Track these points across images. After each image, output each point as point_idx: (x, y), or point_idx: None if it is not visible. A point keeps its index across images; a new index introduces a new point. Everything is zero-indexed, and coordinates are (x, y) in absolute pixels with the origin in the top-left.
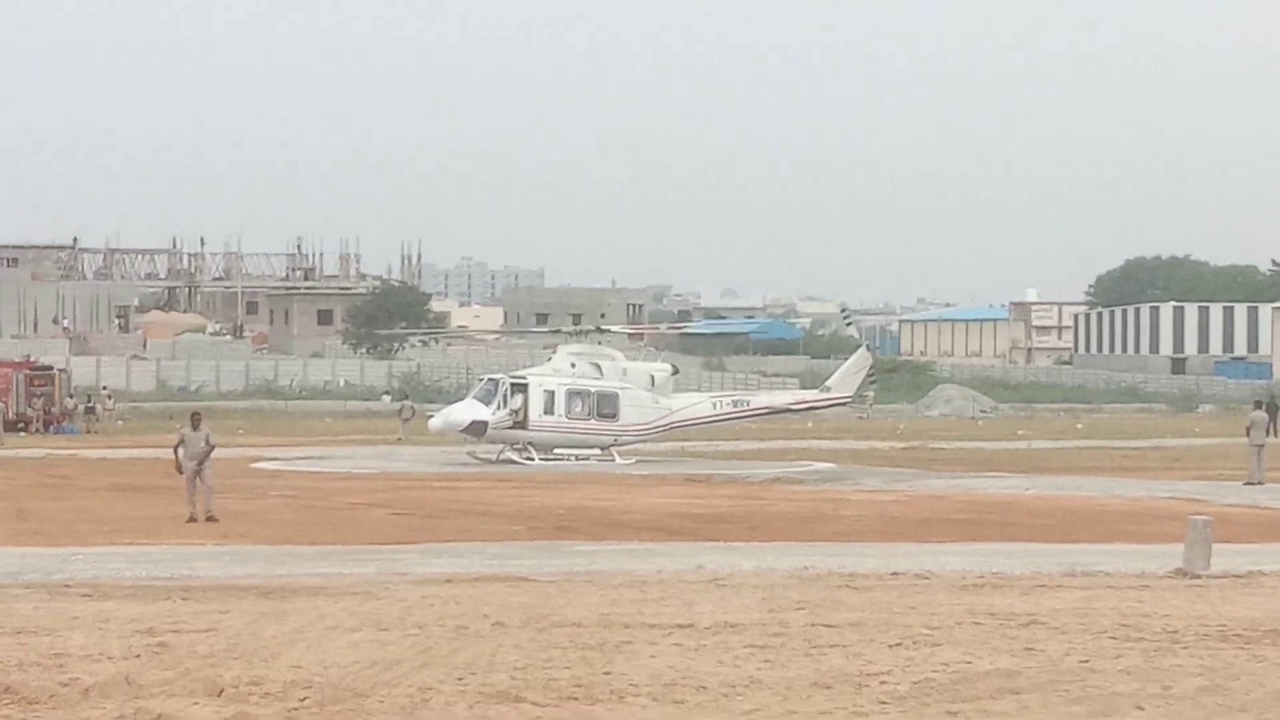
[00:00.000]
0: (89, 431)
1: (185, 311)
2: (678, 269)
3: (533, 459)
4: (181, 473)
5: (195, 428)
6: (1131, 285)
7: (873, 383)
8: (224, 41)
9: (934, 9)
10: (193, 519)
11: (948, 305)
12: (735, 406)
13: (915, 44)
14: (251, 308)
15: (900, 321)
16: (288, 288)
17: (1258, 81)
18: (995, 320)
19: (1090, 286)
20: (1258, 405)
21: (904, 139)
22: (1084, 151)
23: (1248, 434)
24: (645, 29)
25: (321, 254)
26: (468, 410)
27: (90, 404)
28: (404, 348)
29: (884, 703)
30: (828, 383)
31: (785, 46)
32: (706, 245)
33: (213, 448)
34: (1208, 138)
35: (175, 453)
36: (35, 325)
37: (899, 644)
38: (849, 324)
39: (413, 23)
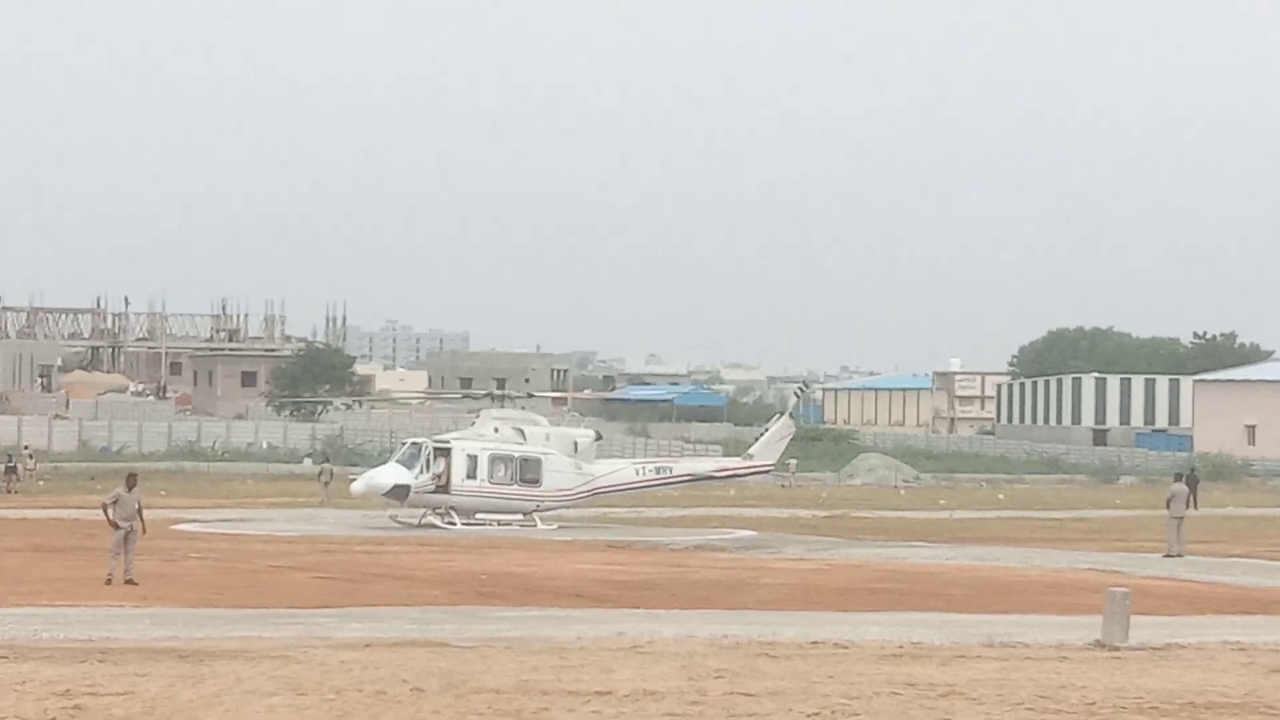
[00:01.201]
0: (10, 491)
1: (109, 372)
2: (602, 335)
3: (455, 523)
4: (117, 529)
5: (129, 489)
6: (1054, 356)
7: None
8: (147, 99)
9: (851, 78)
10: (110, 580)
11: (871, 374)
12: (658, 473)
13: (837, 112)
14: (175, 369)
15: (824, 389)
16: (212, 349)
17: (1183, 155)
18: (918, 389)
19: (1013, 357)
20: (1178, 478)
21: (830, 207)
22: (1008, 222)
23: (1168, 506)
24: (565, 96)
25: (246, 315)
26: (390, 474)
27: (11, 463)
28: (328, 410)
29: None
30: (750, 450)
31: (707, 115)
32: (631, 312)
33: (141, 510)
34: (1132, 210)
35: (106, 511)
36: None
37: (817, 713)
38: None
39: (337, 83)
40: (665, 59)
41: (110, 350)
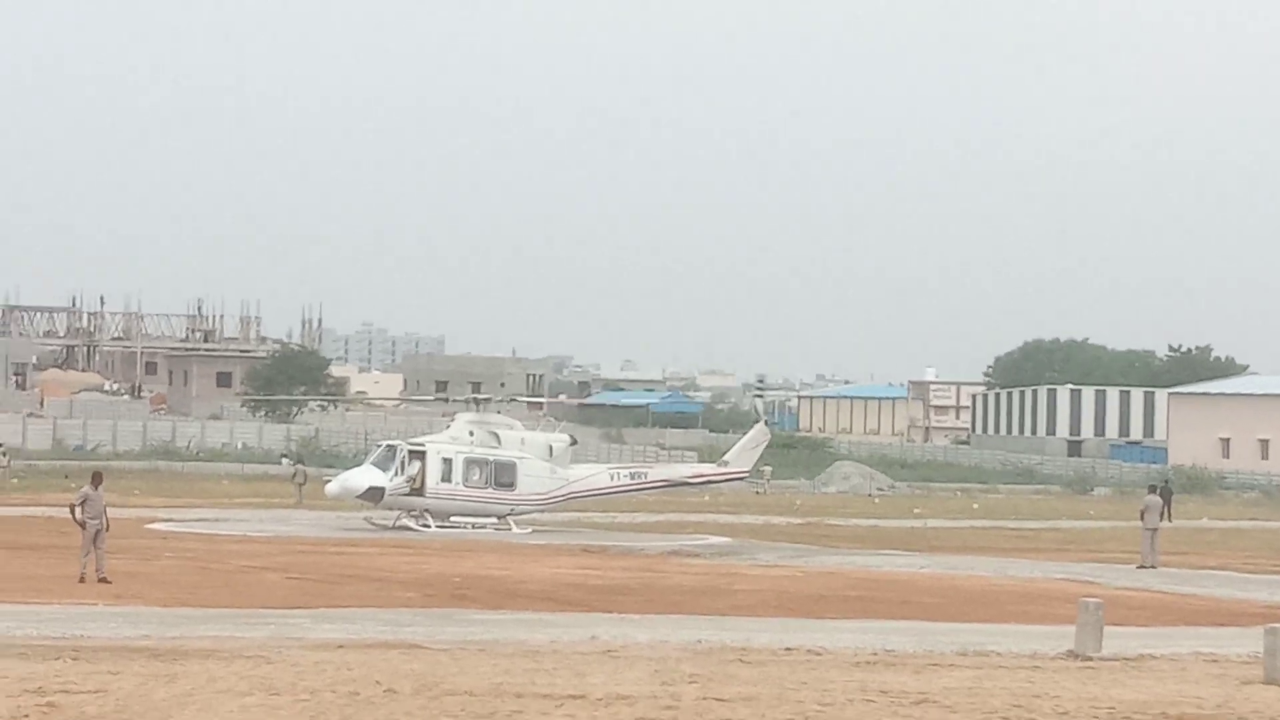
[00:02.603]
0: None
1: (83, 370)
2: (578, 340)
3: (429, 526)
4: (85, 529)
5: (96, 487)
6: (1030, 367)
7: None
8: (123, 100)
9: (829, 90)
10: (83, 579)
11: (847, 382)
12: (633, 478)
13: (816, 124)
14: (150, 368)
15: (799, 398)
16: (187, 349)
17: (1160, 169)
18: (894, 399)
19: (989, 367)
20: (1152, 489)
21: (806, 216)
22: (984, 233)
23: (1142, 518)
24: (545, 99)
25: (222, 316)
26: (365, 476)
27: None
28: (302, 411)
29: None
30: (725, 457)
31: (684, 124)
32: (608, 317)
33: (105, 508)
34: (1110, 223)
35: (73, 511)
36: None
37: (790, 719)
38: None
39: (316, 88)
40: (643, 67)
41: (85, 349)
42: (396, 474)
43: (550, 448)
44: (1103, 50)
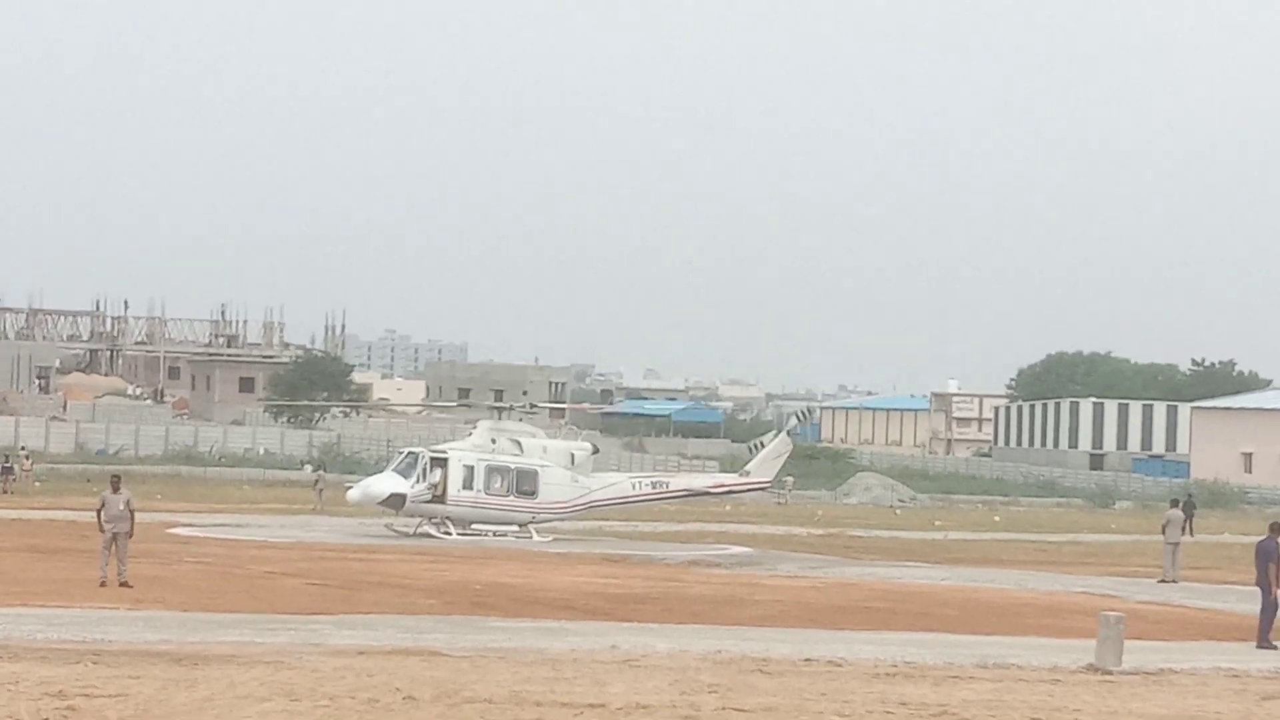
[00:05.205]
0: (5, 492)
1: (106, 374)
2: (601, 349)
3: (450, 533)
4: (103, 533)
5: (115, 490)
6: (1052, 380)
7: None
8: (145, 103)
9: (853, 101)
10: (104, 583)
11: (869, 394)
12: (654, 488)
13: (839, 135)
14: (173, 373)
15: (821, 408)
16: (210, 354)
17: (1184, 182)
18: (916, 410)
19: (1011, 380)
20: (1174, 504)
21: (828, 227)
22: (1007, 245)
23: (1163, 532)
24: (569, 108)
25: (245, 321)
26: (387, 482)
27: (8, 464)
28: (325, 418)
29: None
30: (747, 467)
31: (706, 133)
32: (630, 326)
33: (133, 513)
34: (1133, 235)
35: (98, 516)
36: None
37: None
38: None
39: (339, 93)
40: (664, 74)
41: (109, 353)
42: (418, 481)
43: (572, 456)
44: (1130, 59)
